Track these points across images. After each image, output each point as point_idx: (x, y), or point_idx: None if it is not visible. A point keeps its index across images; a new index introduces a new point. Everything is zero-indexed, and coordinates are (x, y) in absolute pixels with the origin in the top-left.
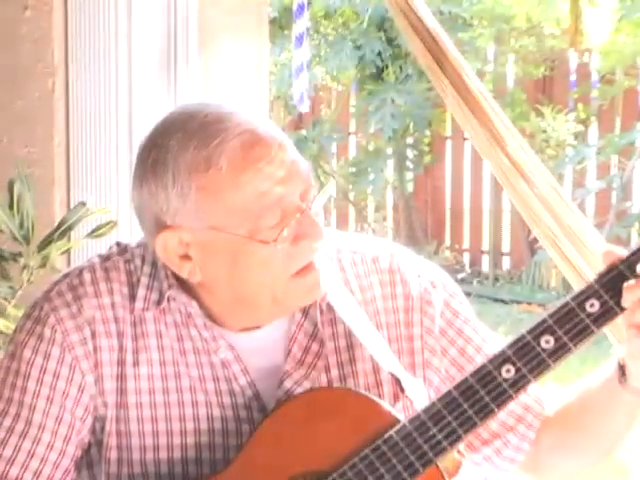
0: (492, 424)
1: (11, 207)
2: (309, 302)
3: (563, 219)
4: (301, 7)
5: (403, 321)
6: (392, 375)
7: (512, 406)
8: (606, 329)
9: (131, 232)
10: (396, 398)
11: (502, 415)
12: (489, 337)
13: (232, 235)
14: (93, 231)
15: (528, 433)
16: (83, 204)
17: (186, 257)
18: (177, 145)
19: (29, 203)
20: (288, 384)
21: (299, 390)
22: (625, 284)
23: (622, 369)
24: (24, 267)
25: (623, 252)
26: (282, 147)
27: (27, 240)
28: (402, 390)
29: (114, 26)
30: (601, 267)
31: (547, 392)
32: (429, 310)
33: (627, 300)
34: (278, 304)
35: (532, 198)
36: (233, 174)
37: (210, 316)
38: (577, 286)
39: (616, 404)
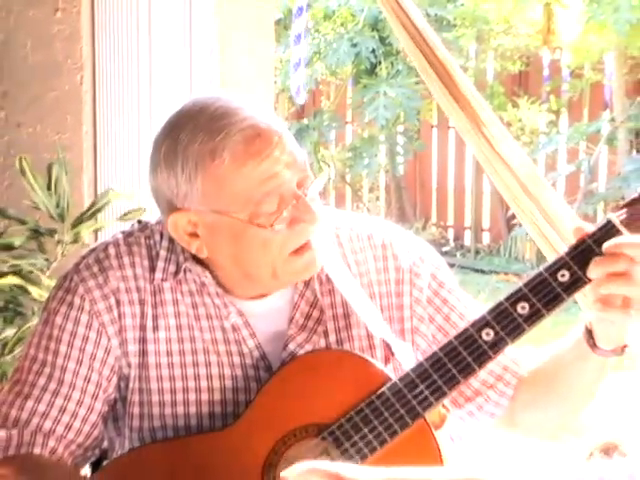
0: (474, 383)
1: (49, 188)
2: (306, 278)
3: (539, 198)
4: (300, 9)
5: (394, 292)
6: (383, 340)
7: (492, 366)
8: (576, 296)
9: (152, 213)
10: (387, 360)
11: (483, 374)
12: (471, 305)
13: (234, 219)
14: (123, 215)
15: (506, 390)
16: (110, 190)
17: (194, 235)
18: (186, 138)
19: (65, 185)
20: (292, 347)
21: (301, 352)
22: (593, 259)
23: (590, 333)
24: (58, 242)
25: (591, 228)
26: (281, 140)
27: (62, 218)
28: (392, 353)
29: (136, 25)
30: (572, 241)
31: (523, 353)
32: (417, 282)
33: (592, 273)
34: (278, 279)
35: (511, 179)
36: (235, 165)
37: (221, 286)
38: (550, 258)
39: (585, 363)
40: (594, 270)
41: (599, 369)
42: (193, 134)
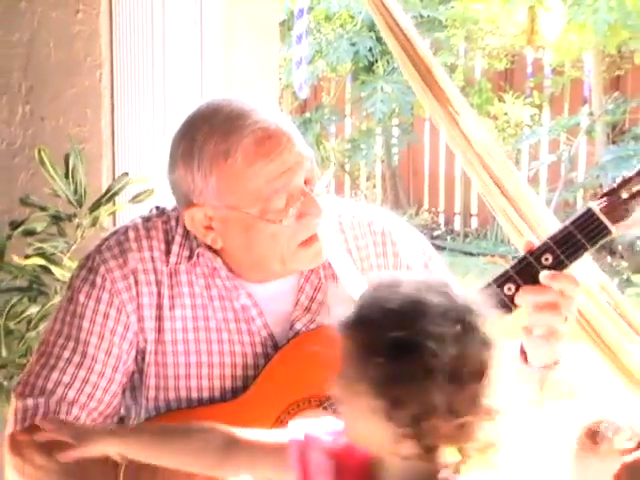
0: None
1: (67, 176)
2: (313, 267)
3: (507, 185)
4: (301, 11)
5: None
6: None
7: None
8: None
9: (165, 198)
10: None
11: None
12: None
13: (245, 214)
14: (134, 197)
15: None
16: (126, 174)
17: (209, 228)
18: (202, 138)
19: (81, 173)
20: (297, 326)
21: (305, 331)
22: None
23: (522, 350)
24: (77, 226)
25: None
26: (290, 141)
27: (80, 203)
28: None
29: (150, 26)
30: (540, 227)
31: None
32: (413, 267)
33: (520, 301)
34: (286, 267)
35: (485, 175)
36: (246, 165)
37: (231, 270)
38: (517, 244)
39: (521, 375)
40: (522, 298)
41: (534, 381)
42: (208, 135)
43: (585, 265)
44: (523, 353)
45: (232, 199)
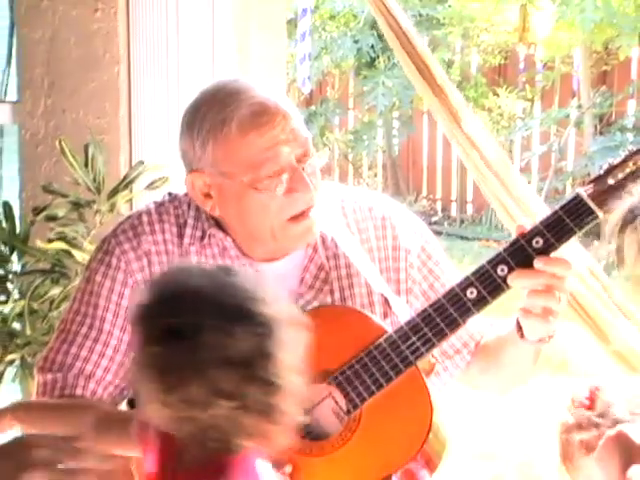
0: (444, 345)
1: (86, 165)
2: (303, 244)
3: (505, 178)
4: (304, 10)
5: (391, 257)
6: (383, 296)
7: (462, 334)
8: None
9: (179, 185)
10: (385, 316)
11: (454, 340)
12: (454, 276)
13: (237, 182)
14: (149, 184)
15: (467, 357)
16: (142, 162)
17: (208, 196)
18: (204, 109)
19: (100, 162)
20: (301, 303)
21: (309, 308)
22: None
23: (519, 325)
24: (96, 212)
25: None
26: (285, 118)
27: (99, 191)
28: (390, 307)
29: (165, 24)
30: (532, 213)
31: (490, 322)
32: (411, 250)
33: (514, 283)
34: (277, 242)
35: (481, 164)
36: (240, 134)
37: (239, 249)
38: (510, 228)
39: (517, 347)
40: (518, 282)
41: (531, 353)
42: (210, 106)
43: (575, 250)
44: (519, 328)
45: (226, 166)
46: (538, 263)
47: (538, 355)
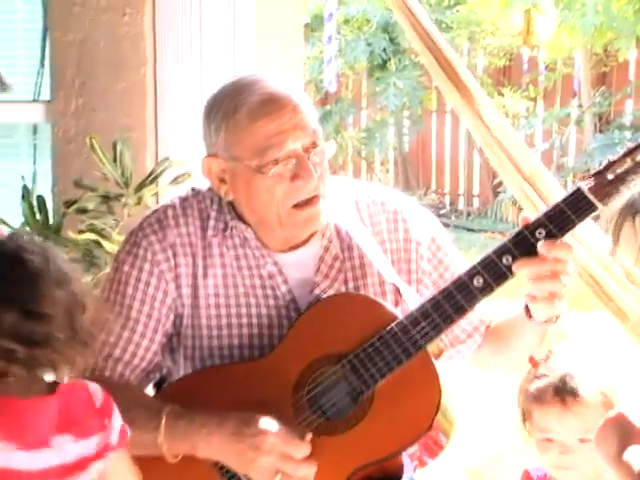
0: (456, 330)
1: (115, 161)
2: (308, 231)
3: (523, 166)
4: (330, 15)
5: (403, 248)
6: (394, 285)
7: (472, 319)
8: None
9: (201, 180)
10: (396, 304)
11: (465, 324)
12: (462, 265)
13: (246, 166)
14: (174, 179)
15: (478, 340)
16: (167, 159)
17: (223, 181)
18: (221, 97)
19: (127, 158)
20: (317, 291)
21: (325, 296)
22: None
23: (527, 307)
24: (124, 205)
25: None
26: (295, 109)
27: (126, 185)
28: (401, 295)
29: (189, 28)
30: (554, 200)
31: (500, 306)
32: (422, 242)
33: (519, 271)
34: (284, 229)
35: (499, 150)
36: (250, 120)
37: (259, 240)
38: (533, 216)
39: (526, 329)
40: (524, 269)
41: (538, 333)
42: (226, 94)
43: (595, 234)
44: (527, 310)
45: (236, 151)
46: (542, 248)
47: (544, 335)
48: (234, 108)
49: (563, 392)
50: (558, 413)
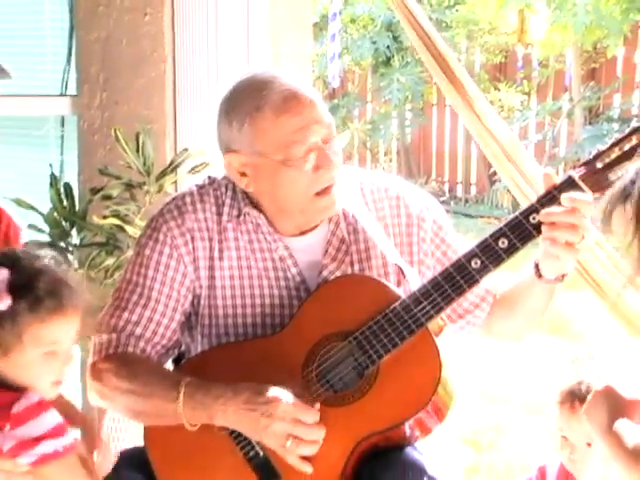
0: (464, 303)
1: (137, 151)
2: (326, 217)
3: (515, 157)
4: (334, 14)
5: (405, 232)
6: (397, 266)
7: (472, 297)
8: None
9: (217, 169)
10: (399, 284)
11: (465, 303)
12: (463, 244)
13: (271, 160)
14: (192, 168)
15: (482, 314)
16: (186, 149)
17: (244, 174)
18: (239, 96)
19: (149, 148)
20: (325, 273)
21: (332, 277)
22: (547, 209)
23: (537, 266)
24: (146, 192)
25: (556, 178)
26: (312, 103)
27: (148, 173)
28: (404, 276)
29: (205, 27)
30: (540, 192)
31: (502, 277)
32: (423, 225)
33: (550, 218)
34: (304, 215)
35: (493, 143)
36: (273, 117)
37: (271, 226)
38: (523, 204)
39: (535, 289)
40: (552, 217)
41: (546, 292)
42: (245, 93)
43: None
44: (537, 270)
45: (260, 146)
46: (565, 199)
47: (552, 295)
48: (257, 106)
49: (575, 397)
50: (567, 416)
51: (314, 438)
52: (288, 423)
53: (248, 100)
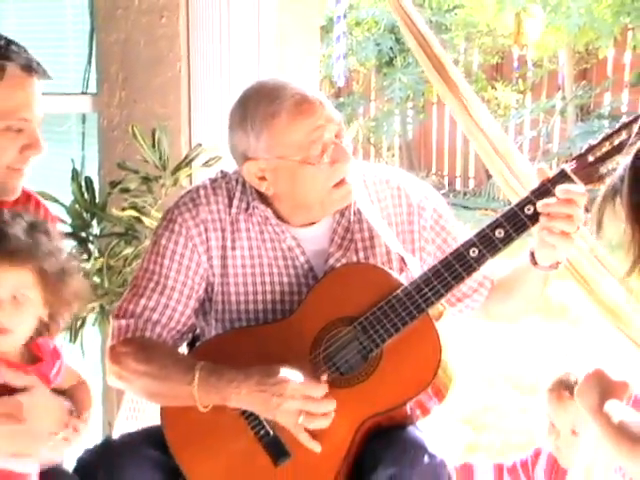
0: (463, 287)
1: (153, 146)
2: (344, 205)
3: (505, 155)
4: (339, 17)
5: (406, 220)
6: (399, 255)
7: (470, 283)
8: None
9: (229, 163)
10: (401, 271)
11: (464, 288)
12: (462, 232)
13: (291, 161)
14: (206, 162)
15: (480, 298)
16: (199, 144)
17: (263, 178)
18: (253, 105)
19: (165, 144)
20: (331, 261)
21: (338, 265)
22: (543, 201)
23: (532, 254)
24: (162, 185)
25: (550, 172)
26: (322, 104)
27: (164, 167)
28: (405, 264)
29: (218, 29)
30: (529, 187)
31: (500, 263)
32: (423, 214)
33: (546, 209)
34: (323, 207)
35: (485, 142)
36: (289, 122)
37: (279, 218)
38: (513, 200)
39: (530, 275)
40: (549, 208)
41: (540, 279)
42: (257, 102)
43: None
44: (532, 257)
45: (279, 150)
46: (560, 192)
47: (546, 282)
48: (272, 113)
49: (561, 386)
50: (555, 403)
51: (325, 411)
52: (299, 400)
53: (262, 108)
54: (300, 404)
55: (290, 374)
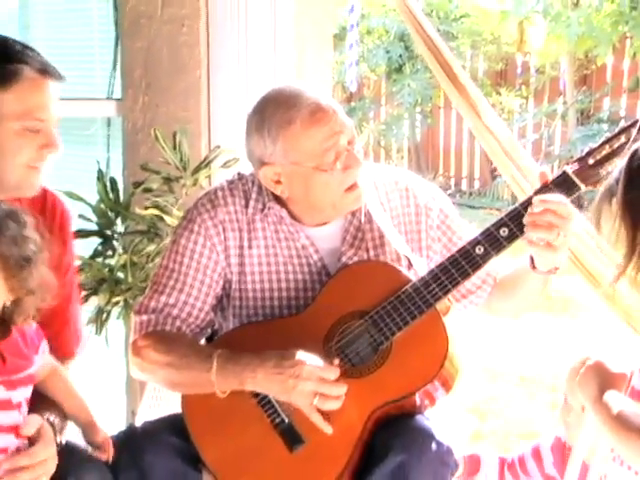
0: (467, 284)
1: (175, 148)
2: (355, 207)
3: (513, 155)
4: (352, 26)
5: (414, 220)
6: (405, 256)
7: (475, 280)
8: None
9: (246, 165)
10: (408, 269)
11: (469, 285)
12: (468, 231)
13: (305, 167)
14: (224, 163)
15: (483, 294)
16: (218, 147)
17: (278, 182)
18: (269, 112)
19: (186, 146)
20: (344, 259)
21: (350, 262)
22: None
23: (532, 258)
24: (183, 185)
25: (550, 173)
26: (335, 112)
27: (185, 168)
28: (411, 264)
29: (237, 37)
30: (536, 185)
31: (504, 262)
32: (430, 214)
33: (525, 220)
34: (335, 209)
35: (494, 142)
36: (304, 129)
37: (294, 218)
38: (521, 198)
39: (530, 277)
40: (530, 217)
41: (540, 280)
42: (274, 109)
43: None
44: (532, 261)
45: (294, 156)
46: (537, 202)
47: (546, 284)
48: (287, 121)
49: (581, 367)
50: (571, 381)
51: (338, 393)
52: (314, 382)
53: (278, 116)
54: (315, 385)
55: (306, 357)
